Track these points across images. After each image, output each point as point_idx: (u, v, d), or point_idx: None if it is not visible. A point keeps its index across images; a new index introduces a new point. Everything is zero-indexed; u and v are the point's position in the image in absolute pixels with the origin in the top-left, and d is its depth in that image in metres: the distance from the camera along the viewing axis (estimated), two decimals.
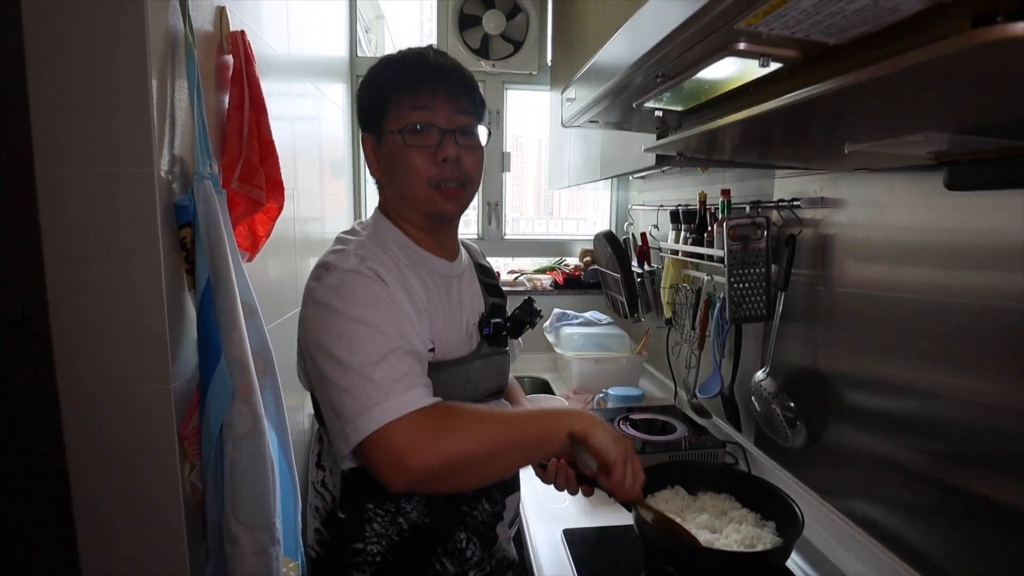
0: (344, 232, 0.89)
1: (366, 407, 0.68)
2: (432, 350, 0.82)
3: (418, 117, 0.82)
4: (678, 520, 0.95)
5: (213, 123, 1.02)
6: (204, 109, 0.92)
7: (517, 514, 1.02)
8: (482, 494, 0.91)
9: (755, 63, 0.52)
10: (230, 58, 1.06)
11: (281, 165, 1.46)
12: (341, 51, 2.25)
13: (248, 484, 0.93)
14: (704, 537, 0.96)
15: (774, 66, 0.51)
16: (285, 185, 1.09)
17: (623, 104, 0.76)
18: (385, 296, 0.76)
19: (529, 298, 0.99)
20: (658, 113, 0.74)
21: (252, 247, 1.12)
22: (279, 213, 1.14)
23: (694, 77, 0.58)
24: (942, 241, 0.87)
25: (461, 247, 1.00)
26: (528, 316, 0.96)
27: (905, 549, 0.96)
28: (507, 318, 0.96)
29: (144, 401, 0.87)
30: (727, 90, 0.65)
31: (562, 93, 1.01)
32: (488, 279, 1.01)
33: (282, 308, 1.41)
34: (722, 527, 1.00)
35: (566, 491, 1.02)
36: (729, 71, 0.57)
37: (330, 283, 0.77)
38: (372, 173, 0.91)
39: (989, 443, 0.80)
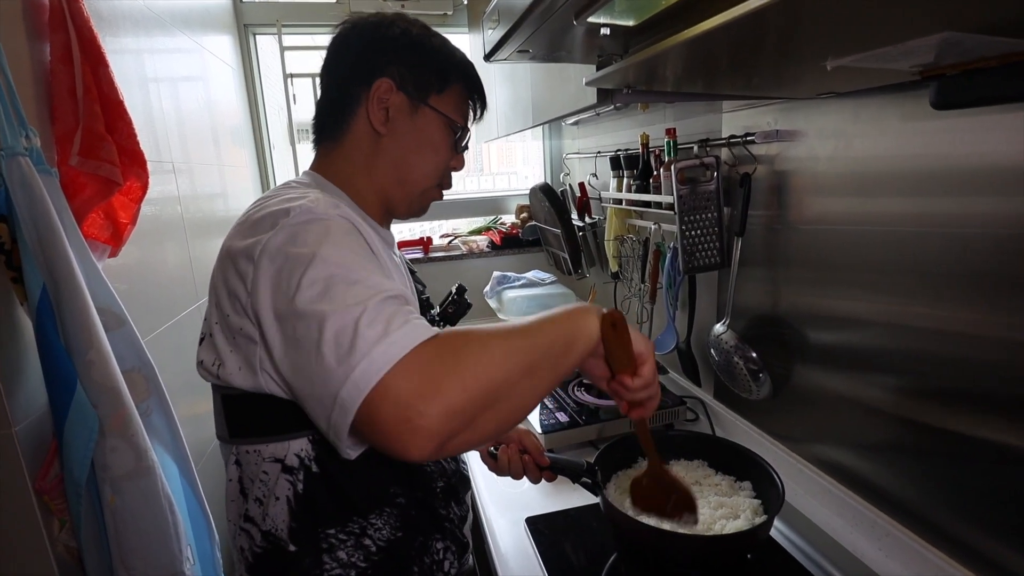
0: (280, 187, 0.73)
1: (359, 357, 0.51)
2: None
3: (463, 123, 0.80)
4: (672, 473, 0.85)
5: (30, 82, 0.78)
6: (6, 63, 0.69)
7: (472, 515, 0.92)
8: (451, 496, 0.81)
9: None
10: None
11: (166, 136, 1.23)
12: None
13: (140, 533, 0.76)
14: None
15: None
16: (171, 159, 0.87)
17: (561, 22, 0.60)
18: (363, 244, 0.63)
19: (461, 284, 0.92)
20: (604, 31, 0.59)
21: (114, 239, 0.90)
22: (143, 193, 0.91)
23: None
24: (916, 168, 0.79)
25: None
26: (467, 304, 0.90)
27: (875, 492, 0.93)
28: (447, 303, 0.90)
29: None
30: None
31: (483, 16, 0.83)
32: (408, 266, 0.91)
33: (175, 307, 1.19)
34: (698, 497, 0.92)
35: (525, 479, 0.93)
36: None
37: (294, 227, 0.60)
38: (376, 124, 0.75)
39: (963, 375, 0.76)
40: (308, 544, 0.68)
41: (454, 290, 0.90)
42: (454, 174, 0.84)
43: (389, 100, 0.75)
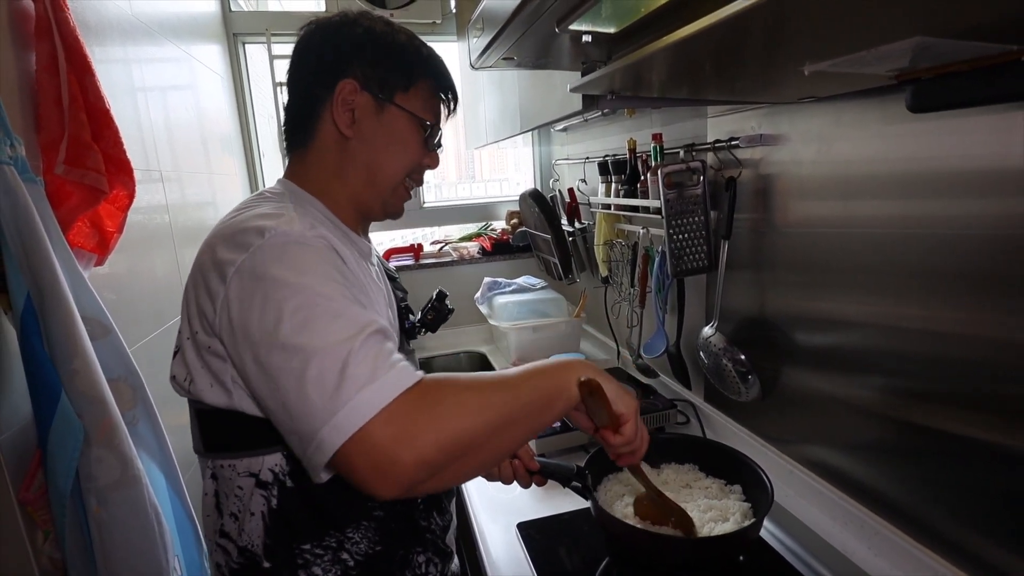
0: (254, 198, 0.72)
1: (344, 398, 0.52)
2: None
3: (433, 121, 0.78)
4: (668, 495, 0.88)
5: (16, 91, 0.78)
6: None
7: (456, 522, 0.91)
8: (433, 505, 0.80)
9: None
10: (29, 4, 0.81)
11: (154, 145, 1.23)
12: (210, 5, 1.92)
13: (126, 543, 0.75)
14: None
15: None
16: (159, 167, 0.88)
17: (543, 29, 0.61)
18: (344, 271, 0.63)
19: (441, 290, 0.91)
20: (586, 39, 0.60)
21: (101, 247, 0.89)
22: (130, 201, 0.91)
23: None
24: (898, 171, 0.80)
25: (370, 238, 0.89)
26: (447, 309, 0.89)
27: (864, 492, 0.93)
28: (427, 310, 0.89)
29: None
30: (666, 1, 0.52)
31: (466, 24, 0.84)
32: (387, 270, 0.90)
33: (162, 315, 1.19)
34: (688, 500, 0.92)
35: (516, 484, 0.93)
36: None
37: (272, 250, 0.59)
38: (342, 126, 0.73)
39: (949, 374, 0.77)
40: (283, 561, 0.67)
41: (434, 296, 0.90)
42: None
43: (354, 101, 0.73)
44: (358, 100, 0.73)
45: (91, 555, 0.74)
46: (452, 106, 0.82)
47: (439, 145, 0.81)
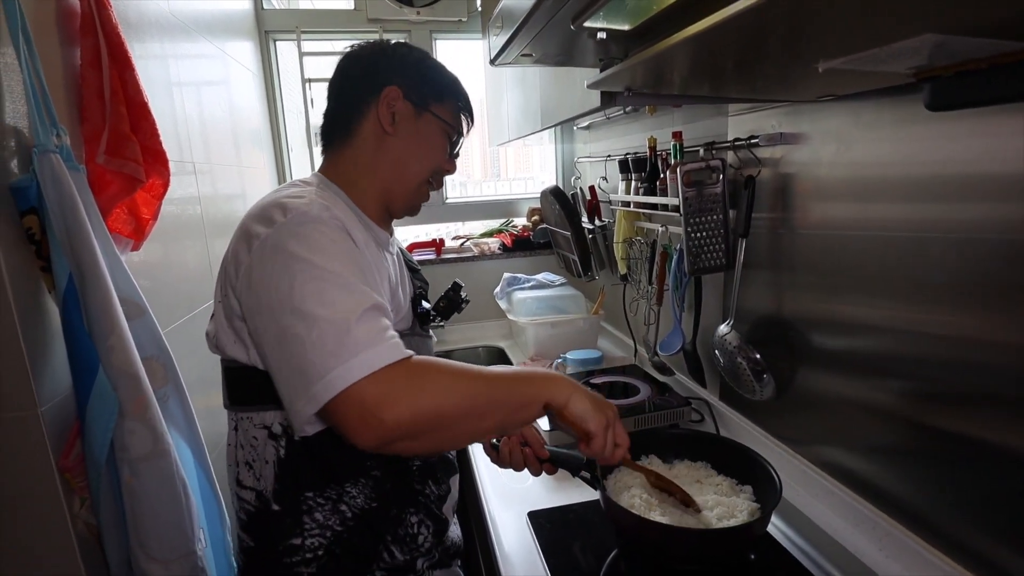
0: (288, 184, 0.81)
1: (341, 359, 0.60)
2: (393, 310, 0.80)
3: (456, 133, 0.89)
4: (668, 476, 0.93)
5: (62, 85, 0.83)
6: (40, 66, 0.73)
7: (457, 498, 0.97)
8: (428, 474, 0.87)
9: None
10: (75, 1, 0.85)
11: (188, 138, 1.28)
12: (243, 3, 1.98)
13: (155, 513, 0.79)
14: (679, 511, 0.89)
15: None
16: (192, 160, 0.93)
17: (560, 27, 0.62)
18: (353, 250, 0.71)
19: (456, 282, 0.98)
20: (601, 35, 0.61)
21: (137, 233, 0.94)
22: (165, 190, 0.96)
23: None
24: (915, 173, 0.79)
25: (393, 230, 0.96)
26: (460, 299, 0.95)
27: (876, 493, 0.93)
28: (440, 299, 0.95)
29: (6, 433, 0.71)
30: None
31: (488, 22, 0.86)
32: (409, 262, 0.99)
33: (193, 301, 1.24)
34: (697, 496, 0.93)
35: (526, 471, 0.95)
36: None
37: (292, 228, 0.67)
38: (385, 124, 0.83)
39: (966, 378, 0.76)
40: (290, 505, 0.76)
41: (450, 287, 0.97)
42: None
43: (396, 104, 0.82)
44: (399, 105, 0.83)
45: (123, 523, 0.78)
46: (470, 125, 0.92)
47: (458, 155, 0.92)
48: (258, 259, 0.67)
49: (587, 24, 0.58)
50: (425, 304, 0.91)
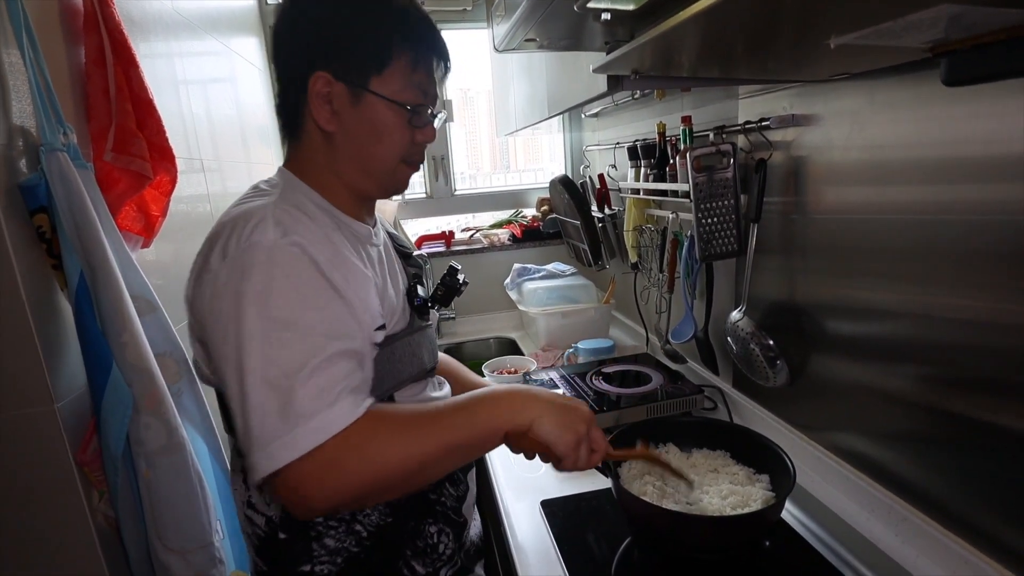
0: (249, 194, 0.71)
1: (281, 432, 0.56)
2: (383, 327, 0.71)
3: (418, 98, 0.72)
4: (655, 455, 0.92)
5: (67, 83, 0.83)
6: (45, 65, 0.74)
7: (476, 492, 0.93)
8: (445, 478, 0.81)
9: None
10: (78, 0, 0.86)
11: (196, 136, 1.28)
12: None
13: (172, 505, 0.80)
14: (691, 496, 0.89)
15: None
16: (200, 157, 0.93)
17: (563, 8, 0.61)
18: (312, 280, 0.62)
19: (451, 266, 0.89)
20: (605, 16, 0.60)
21: (147, 230, 0.95)
22: (173, 187, 0.96)
23: None
24: (931, 154, 0.77)
25: (377, 214, 0.85)
26: (458, 283, 0.87)
27: (895, 481, 0.91)
28: (437, 286, 0.87)
29: (24, 429, 0.73)
30: None
31: (491, 8, 0.85)
32: (401, 246, 0.89)
33: None
34: (712, 485, 0.93)
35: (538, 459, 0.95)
36: None
37: (243, 264, 0.60)
38: (323, 122, 0.70)
39: (983, 362, 0.74)
40: (298, 532, 0.72)
41: (446, 272, 0.90)
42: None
43: (331, 93, 0.69)
44: (334, 91, 0.69)
45: (141, 515, 0.79)
46: (444, 69, 0.75)
47: (433, 117, 0.75)
48: (209, 297, 0.61)
49: (591, 5, 0.57)
50: (421, 293, 0.83)
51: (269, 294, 0.59)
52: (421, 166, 2.53)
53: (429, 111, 0.74)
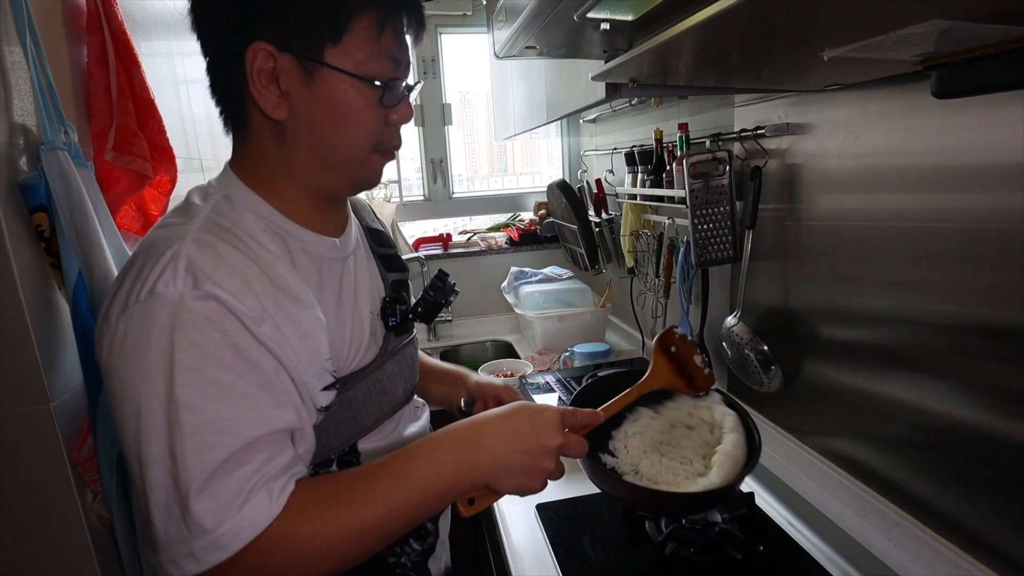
0: (176, 211, 0.58)
1: (183, 539, 0.47)
2: (334, 372, 0.62)
3: (387, 69, 0.57)
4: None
5: (69, 82, 0.84)
6: (47, 64, 0.74)
7: (449, 525, 0.83)
8: (410, 534, 0.71)
9: None
10: (82, 0, 0.86)
11: (195, 135, 1.29)
12: None
13: None
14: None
15: None
16: (199, 156, 0.93)
17: (563, 18, 0.62)
18: (226, 348, 0.50)
19: (441, 271, 0.77)
20: (605, 26, 0.61)
21: (145, 230, 0.95)
22: (172, 187, 0.97)
23: None
24: (923, 163, 0.78)
25: (350, 212, 0.73)
26: (443, 296, 0.74)
27: (888, 486, 0.92)
28: (417, 301, 0.74)
29: (19, 428, 0.72)
30: None
31: (492, 14, 0.86)
32: (384, 248, 0.77)
33: None
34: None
35: None
36: None
37: (139, 318, 0.49)
38: (268, 109, 0.56)
39: (975, 369, 0.75)
40: None
41: (432, 280, 0.79)
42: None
43: (276, 69, 0.54)
44: (280, 67, 0.54)
45: (135, 516, 0.79)
46: (417, 31, 0.60)
47: (409, 90, 0.61)
48: (106, 353, 0.50)
49: (591, 15, 0.58)
50: (401, 307, 0.71)
51: (171, 369, 0.48)
52: (420, 168, 2.51)
53: (403, 84, 0.59)
